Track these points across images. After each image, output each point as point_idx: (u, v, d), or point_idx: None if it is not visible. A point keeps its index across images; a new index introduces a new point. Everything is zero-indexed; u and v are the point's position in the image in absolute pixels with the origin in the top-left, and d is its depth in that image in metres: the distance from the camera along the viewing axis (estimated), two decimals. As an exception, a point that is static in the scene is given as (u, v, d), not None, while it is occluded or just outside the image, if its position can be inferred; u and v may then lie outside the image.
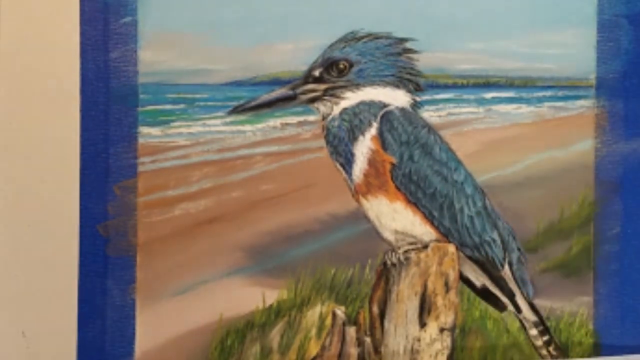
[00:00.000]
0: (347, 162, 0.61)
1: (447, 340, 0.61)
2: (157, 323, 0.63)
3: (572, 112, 0.64)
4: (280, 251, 0.63)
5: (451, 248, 0.61)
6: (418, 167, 0.61)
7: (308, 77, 0.62)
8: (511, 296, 0.62)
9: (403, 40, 0.63)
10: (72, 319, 0.63)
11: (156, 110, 0.63)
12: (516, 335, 0.63)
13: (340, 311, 0.63)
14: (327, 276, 0.63)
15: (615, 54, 0.64)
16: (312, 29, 0.63)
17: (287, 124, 0.64)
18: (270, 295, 0.63)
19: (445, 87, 0.64)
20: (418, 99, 0.63)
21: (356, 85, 0.62)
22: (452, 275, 0.61)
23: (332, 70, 0.62)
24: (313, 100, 0.62)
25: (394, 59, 0.62)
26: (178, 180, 0.63)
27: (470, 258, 0.62)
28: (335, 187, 0.63)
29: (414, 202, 0.61)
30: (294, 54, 0.63)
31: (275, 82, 0.63)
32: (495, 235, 0.62)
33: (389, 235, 0.62)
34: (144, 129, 0.63)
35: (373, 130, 0.61)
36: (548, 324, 0.63)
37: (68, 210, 0.63)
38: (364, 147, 0.61)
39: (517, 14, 0.64)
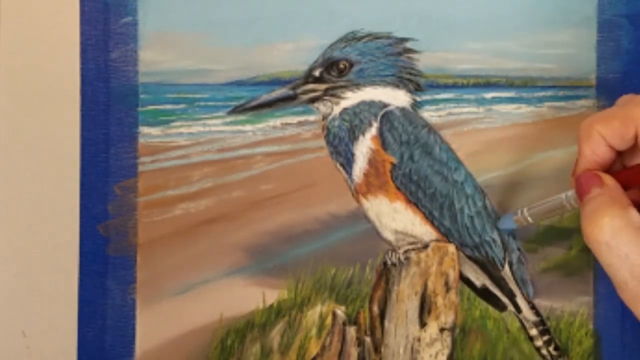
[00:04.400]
0: (347, 162, 0.61)
1: (447, 340, 0.61)
2: (157, 323, 0.63)
3: (573, 112, 0.64)
4: (280, 251, 0.63)
5: (451, 248, 0.61)
6: (418, 167, 0.61)
7: (308, 77, 0.62)
8: (511, 296, 0.62)
9: (403, 40, 0.63)
10: (72, 319, 0.63)
11: (156, 110, 0.63)
12: (516, 335, 0.63)
13: (340, 311, 0.63)
14: (328, 276, 0.63)
15: (616, 53, 0.64)
16: (312, 29, 0.63)
17: (287, 124, 0.64)
18: (270, 295, 0.63)
19: (446, 87, 0.64)
20: (418, 98, 0.63)
21: (356, 85, 0.62)
22: (452, 275, 0.61)
23: (333, 70, 0.62)
24: (313, 100, 0.62)
25: (395, 59, 0.62)
26: (178, 180, 0.63)
27: (470, 258, 0.62)
28: (336, 187, 0.63)
29: (414, 202, 0.61)
30: (294, 54, 0.63)
31: (276, 82, 0.63)
32: (496, 235, 0.62)
33: (389, 235, 0.62)
34: (144, 129, 0.63)
35: (373, 130, 0.61)
36: (548, 323, 0.63)
37: (68, 210, 0.63)
38: (364, 147, 0.61)
39: (517, 14, 0.64)
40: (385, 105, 0.61)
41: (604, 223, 0.49)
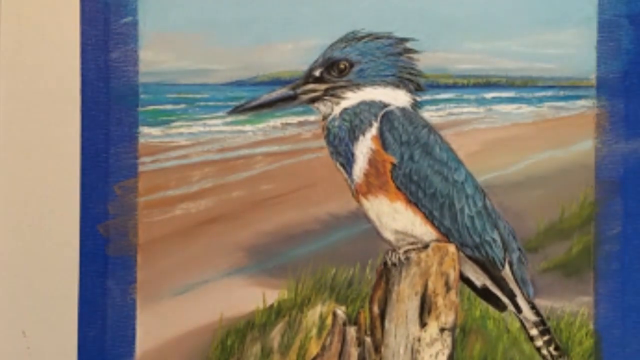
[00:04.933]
0: (347, 162, 0.61)
1: (448, 340, 0.61)
2: (157, 323, 0.63)
3: (573, 112, 0.64)
4: (280, 251, 0.63)
5: (451, 248, 0.61)
6: (418, 167, 0.60)
7: (308, 77, 0.62)
8: (511, 296, 0.62)
9: (403, 40, 0.63)
10: (72, 319, 0.63)
11: (157, 110, 0.63)
12: (516, 335, 0.63)
13: (340, 311, 0.63)
14: (328, 276, 0.63)
15: (616, 53, 0.64)
16: (312, 29, 0.63)
17: (287, 124, 0.64)
18: (270, 295, 0.63)
19: (446, 87, 0.64)
20: (418, 98, 0.63)
21: (357, 85, 0.62)
22: (453, 275, 0.61)
23: (333, 70, 0.62)
24: (313, 100, 0.62)
25: (395, 59, 0.62)
26: (178, 180, 0.63)
27: (470, 258, 0.62)
28: (336, 187, 0.63)
29: (414, 202, 0.61)
30: (294, 54, 0.63)
31: (276, 82, 0.63)
32: (496, 235, 0.62)
33: (389, 235, 0.62)
34: (144, 129, 0.63)
35: (373, 130, 0.61)
36: (548, 323, 0.63)
37: (68, 210, 0.63)
38: (364, 147, 0.61)
39: (518, 14, 0.64)
40: (385, 105, 0.61)
41: None
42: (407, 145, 0.61)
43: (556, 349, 0.63)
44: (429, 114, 0.63)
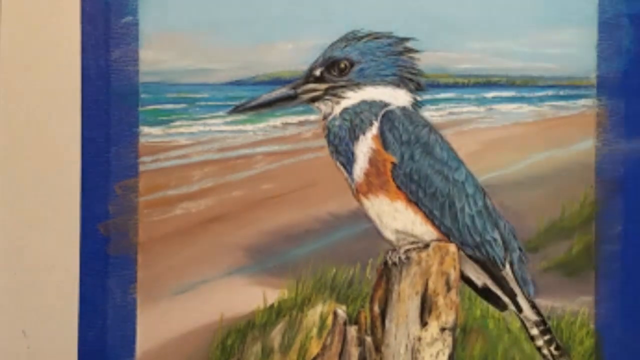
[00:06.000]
0: (348, 161, 0.61)
1: (448, 340, 0.60)
2: (157, 322, 0.63)
3: (573, 112, 0.64)
4: (281, 251, 0.63)
5: (452, 247, 0.61)
6: (419, 167, 0.60)
7: (309, 77, 0.62)
8: (512, 295, 0.62)
9: (404, 39, 0.63)
10: (72, 319, 0.63)
11: (157, 109, 0.64)
12: (517, 334, 0.63)
13: (341, 311, 0.63)
14: (328, 276, 0.63)
15: (616, 53, 0.64)
16: (312, 29, 0.63)
17: (288, 124, 0.64)
18: (271, 294, 0.63)
19: (446, 86, 0.64)
20: (419, 98, 0.63)
21: (357, 85, 0.62)
22: (453, 275, 0.61)
23: (333, 70, 0.62)
24: (314, 99, 0.62)
25: (395, 59, 0.62)
26: (179, 180, 0.63)
27: (471, 257, 0.62)
28: (336, 186, 0.63)
29: (414, 202, 0.61)
30: (295, 54, 0.63)
31: (276, 81, 0.63)
32: (496, 235, 0.61)
33: (389, 235, 0.62)
34: (144, 129, 0.63)
35: (374, 130, 0.61)
36: (549, 323, 0.63)
37: (69, 210, 0.63)
38: (364, 146, 0.61)
39: (518, 13, 0.64)
40: (385, 105, 0.61)
41: None
42: (408, 145, 0.61)
43: (557, 348, 0.63)
44: (429, 114, 0.63)
